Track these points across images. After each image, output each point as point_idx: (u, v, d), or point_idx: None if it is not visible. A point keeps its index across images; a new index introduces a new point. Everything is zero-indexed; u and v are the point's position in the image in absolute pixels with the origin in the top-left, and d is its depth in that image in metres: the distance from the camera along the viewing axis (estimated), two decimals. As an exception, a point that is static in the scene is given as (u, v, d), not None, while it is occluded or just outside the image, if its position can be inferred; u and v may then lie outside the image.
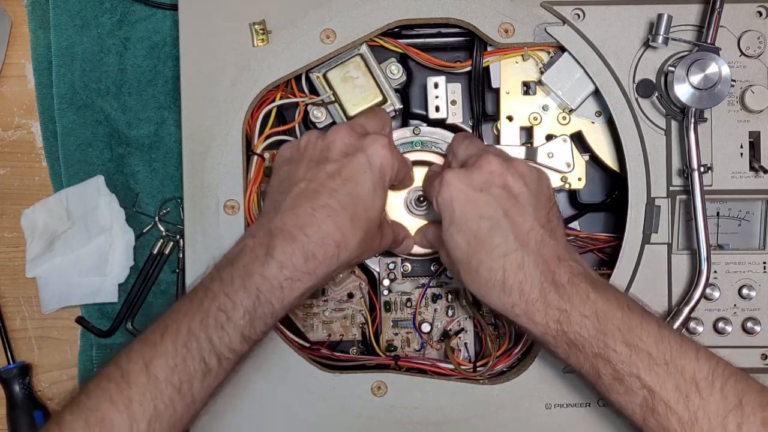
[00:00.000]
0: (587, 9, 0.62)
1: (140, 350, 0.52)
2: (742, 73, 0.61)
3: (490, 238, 0.53)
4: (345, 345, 0.68)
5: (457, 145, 0.61)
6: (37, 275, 0.70)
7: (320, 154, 0.56)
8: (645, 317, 0.51)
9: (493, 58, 0.65)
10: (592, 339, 0.50)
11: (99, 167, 0.70)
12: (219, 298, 0.52)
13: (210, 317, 0.52)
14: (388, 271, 0.67)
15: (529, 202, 0.54)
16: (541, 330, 0.52)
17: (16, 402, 0.69)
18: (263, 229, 0.54)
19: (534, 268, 0.52)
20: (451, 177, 0.54)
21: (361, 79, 0.65)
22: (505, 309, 0.53)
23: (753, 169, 0.61)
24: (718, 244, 0.63)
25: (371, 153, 0.55)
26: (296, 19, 0.63)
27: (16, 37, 0.72)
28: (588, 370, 0.51)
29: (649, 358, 0.49)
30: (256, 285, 0.52)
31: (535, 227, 0.53)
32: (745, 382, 0.49)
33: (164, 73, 0.70)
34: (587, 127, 0.65)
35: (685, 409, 0.48)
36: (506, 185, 0.54)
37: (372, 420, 0.61)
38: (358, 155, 0.55)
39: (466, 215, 0.53)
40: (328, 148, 0.56)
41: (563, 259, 0.53)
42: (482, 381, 0.62)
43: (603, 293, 0.52)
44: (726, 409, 0.48)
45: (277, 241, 0.53)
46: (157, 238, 0.69)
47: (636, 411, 0.50)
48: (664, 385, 0.49)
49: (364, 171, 0.55)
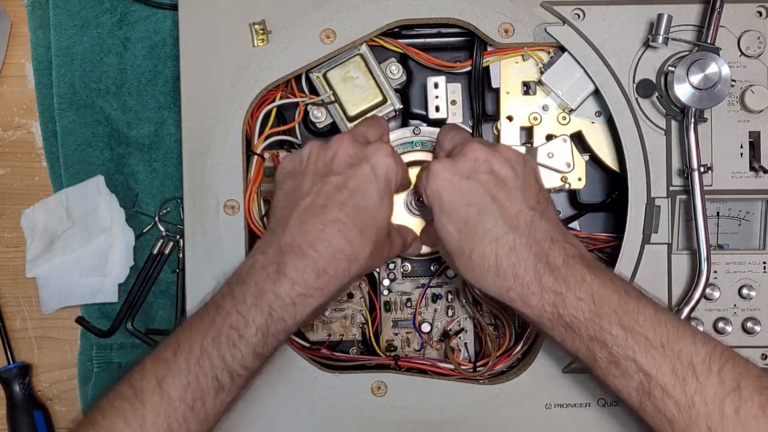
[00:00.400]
0: (587, 9, 0.62)
1: (153, 368, 0.51)
2: (742, 73, 0.61)
3: (480, 224, 0.52)
4: (345, 345, 0.68)
5: (442, 136, 0.61)
6: (37, 275, 0.70)
7: (324, 167, 0.56)
8: (642, 300, 0.51)
9: (493, 58, 0.65)
10: (588, 322, 0.50)
11: (99, 167, 0.70)
12: (231, 315, 0.52)
13: (222, 335, 0.51)
14: (388, 271, 0.67)
15: (517, 186, 0.54)
16: (536, 313, 0.52)
17: (16, 402, 0.69)
18: (273, 246, 0.54)
19: (527, 251, 0.52)
20: (437, 167, 0.54)
21: (361, 79, 0.65)
22: (500, 293, 0.53)
23: (753, 169, 0.61)
24: (718, 244, 0.63)
25: (375, 162, 0.55)
26: (296, 19, 0.63)
27: (16, 37, 0.72)
28: (584, 354, 0.51)
29: (645, 342, 0.49)
30: (268, 302, 0.52)
31: (524, 209, 0.53)
32: (744, 365, 0.49)
33: (164, 73, 0.70)
34: (587, 127, 0.65)
35: (682, 392, 0.48)
36: (492, 170, 0.54)
37: (372, 420, 0.61)
38: (362, 165, 0.55)
39: (454, 203, 0.53)
40: (332, 160, 0.56)
41: (557, 241, 0.52)
42: (482, 381, 0.62)
43: (599, 276, 0.51)
44: (723, 393, 0.47)
45: (288, 258, 0.52)
46: (157, 238, 0.69)
47: (632, 395, 0.50)
48: (660, 368, 0.48)
49: (370, 182, 0.55)
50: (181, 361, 0.51)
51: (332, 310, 0.67)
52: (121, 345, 0.70)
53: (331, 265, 0.53)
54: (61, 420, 0.71)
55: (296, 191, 0.56)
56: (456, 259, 0.54)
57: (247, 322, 0.52)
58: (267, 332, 0.52)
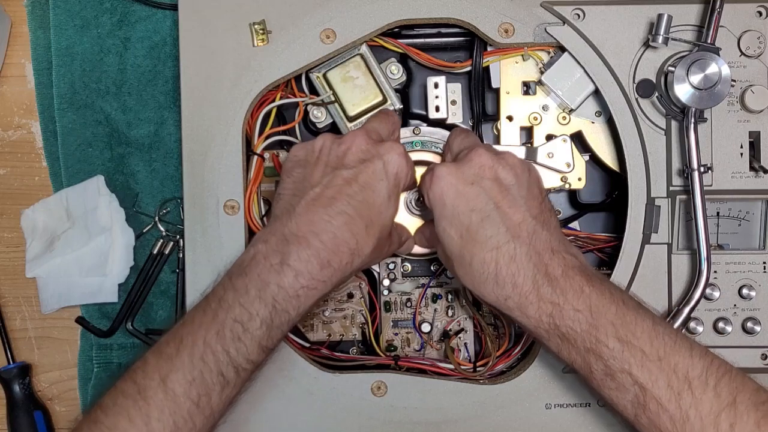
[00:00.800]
0: (587, 9, 0.62)
1: (156, 364, 0.51)
2: (742, 73, 0.61)
3: (481, 231, 0.52)
4: (345, 345, 0.68)
5: (452, 138, 0.61)
6: (37, 275, 0.70)
7: (336, 160, 0.56)
8: (640, 313, 0.51)
9: (493, 58, 0.65)
10: (585, 334, 0.50)
11: (99, 167, 0.70)
12: (234, 308, 0.51)
13: (226, 329, 0.51)
14: (388, 271, 0.67)
15: (520, 194, 0.54)
16: (533, 323, 0.52)
17: (16, 402, 0.69)
18: (276, 234, 0.53)
19: (527, 260, 0.51)
20: (441, 171, 0.54)
21: (361, 79, 0.65)
22: (498, 302, 0.53)
23: (753, 169, 0.61)
24: (718, 244, 0.63)
25: (387, 160, 0.55)
26: (296, 19, 0.63)
27: (16, 37, 0.72)
28: (580, 365, 0.51)
29: (641, 355, 0.49)
30: (272, 294, 0.51)
31: (527, 218, 0.53)
32: (741, 380, 0.48)
33: (164, 73, 0.70)
34: (587, 127, 0.65)
35: (677, 407, 0.48)
36: (497, 177, 0.54)
37: (372, 420, 0.61)
38: (375, 162, 0.55)
39: (457, 208, 0.53)
40: (344, 153, 0.56)
41: (557, 252, 0.52)
42: (482, 381, 0.62)
43: (598, 287, 0.51)
44: (719, 408, 0.47)
45: (292, 247, 0.52)
46: (157, 238, 0.69)
47: (627, 407, 0.50)
48: (656, 382, 0.48)
49: (381, 179, 0.55)
50: (184, 357, 0.50)
51: (332, 310, 0.67)
52: (121, 345, 0.70)
53: (335, 257, 0.53)
54: (61, 420, 0.71)
55: (306, 180, 0.56)
56: (455, 265, 0.54)
57: (251, 315, 0.51)
58: (271, 324, 0.52)
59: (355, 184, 0.54)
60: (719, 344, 0.60)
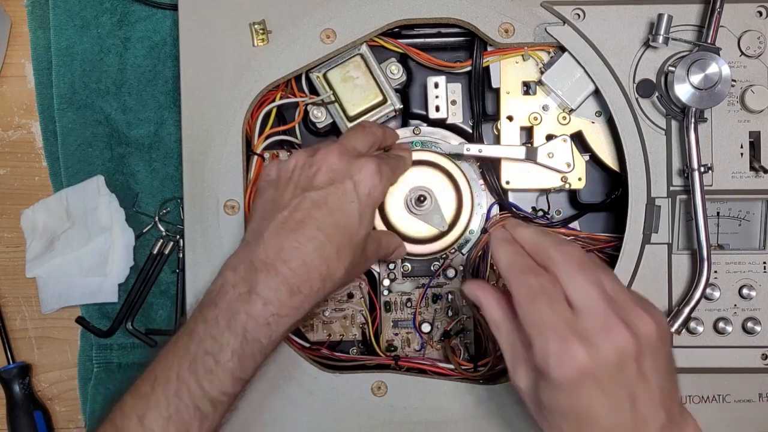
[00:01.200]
0: (587, 9, 0.62)
1: (133, 404, 0.50)
2: (742, 73, 0.61)
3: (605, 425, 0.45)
4: (345, 345, 0.68)
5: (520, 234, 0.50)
6: (37, 275, 0.70)
7: (306, 181, 0.54)
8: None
9: (493, 58, 0.65)
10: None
11: (99, 167, 0.70)
12: (205, 341, 0.51)
13: (198, 362, 0.50)
14: (388, 271, 0.67)
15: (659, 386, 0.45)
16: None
17: (16, 402, 0.69)
18: (245, 262, 0.52)
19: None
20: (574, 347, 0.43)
21: (361, 79, 0.65)
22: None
23: (753, 169, 0.61)
24: (718, 244, 0.63)
25: (358, 180, 0.53)
26: (296, 19, 0.63)
27: (16, 37, 0.72)
28: None
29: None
30: (241, 324, 0.50)
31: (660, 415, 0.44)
32: None
33: (164, 73, 0.70)
34: (587, 127, 0.65)
35: None
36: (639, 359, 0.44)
37: (372, 420, 0.61)
38: (345, 183, 0.53)
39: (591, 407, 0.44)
40: (314, 174, 0.54)
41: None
42: (482, 381, 0.62)
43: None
44: None
45: (261, 275, 0.51)
46: (157, 238, 0.69)
47: None
48: None
49: (351, 200, 0.53)
50: (159, 394, 0.50)
51: (332, 311, 0.67)
52: (121, 345, 0.70)
53: (306, 284, 0.52)
54: (61, 420, 0.71)
55: (275, 202, 0.55)
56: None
57: (221, 346, 0.50)
58: (243, 354, 0.51)
59: (324, 207, 0.53)
60: (719, 344, 0.60)
